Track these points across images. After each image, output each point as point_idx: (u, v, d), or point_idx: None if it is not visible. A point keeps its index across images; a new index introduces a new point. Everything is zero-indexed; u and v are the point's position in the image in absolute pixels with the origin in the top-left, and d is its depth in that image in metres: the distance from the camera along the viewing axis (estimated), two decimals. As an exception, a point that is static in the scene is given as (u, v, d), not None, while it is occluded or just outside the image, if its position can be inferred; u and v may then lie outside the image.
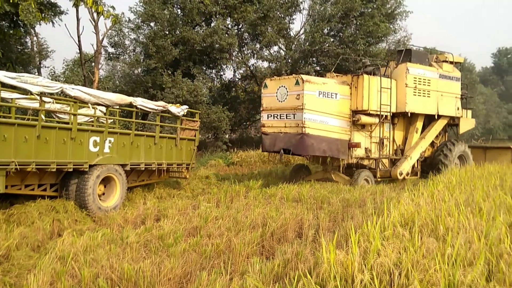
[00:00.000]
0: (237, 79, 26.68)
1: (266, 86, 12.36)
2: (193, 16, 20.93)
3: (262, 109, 12.47)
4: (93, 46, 19.76)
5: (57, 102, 9.84)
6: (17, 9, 12.39)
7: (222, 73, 25.59)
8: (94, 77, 19.31)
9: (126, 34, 21.62)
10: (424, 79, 13.31)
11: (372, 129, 12.69)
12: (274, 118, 12.01)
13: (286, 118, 11.65)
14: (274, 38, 21.68)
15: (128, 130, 10.25)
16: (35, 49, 24.69)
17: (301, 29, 24.61)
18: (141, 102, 9.63)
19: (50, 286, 4.40)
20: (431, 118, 14.09)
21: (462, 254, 4.12)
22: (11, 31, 14.88)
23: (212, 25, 21.92)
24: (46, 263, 4.82)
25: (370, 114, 12.29)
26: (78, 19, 18.61)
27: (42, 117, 7.61)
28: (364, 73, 12.53)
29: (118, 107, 9.74)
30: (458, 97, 14.51)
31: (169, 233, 6.19)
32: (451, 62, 14.51)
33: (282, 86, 11.76)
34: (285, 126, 11.67)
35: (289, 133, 11.53)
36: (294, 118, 11.40)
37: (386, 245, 4.40)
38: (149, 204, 8.58)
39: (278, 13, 22.11)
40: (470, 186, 8.58)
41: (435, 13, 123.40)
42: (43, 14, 14.07)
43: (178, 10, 22.15)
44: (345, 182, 11.89)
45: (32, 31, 20.31)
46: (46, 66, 42.25)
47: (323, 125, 11.53)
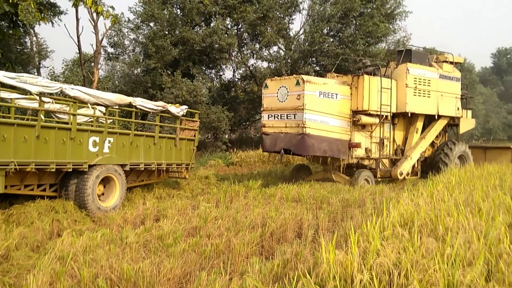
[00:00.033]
0: (236, 79, 26.66)
1: (266, 86, 12.37)
2: (192, 16, 20.92)
3: (262, 109, 12.47)
4: (92, 46, 19.76)
5: (56, 102, 9.85)
6: (16, 9, 12.39)
7: (221, 73, 25.62)
8: (93, 77, 19.30)
9: (126, 34, 21.62)
10: (424, 80, 13.31)
11: (372, 129, 12.70)
12: (274, 118, 12.02)
13: (286, 118, 11.66)
14: (273, 38, 21.67)
15: (127, 130, 10.26)
16: (35, 49, 24.70)
17: (300, 29, 24.62)
18: (140, 102, 9.63)
19: (49, 286, 4.40)
20: (431, 118, 14.09)
21: (461, 254, 4.12)
22: (11, 31, 14.88)
23: (211, 25, 21.91)
24: (46, 263, 4.82)
25: (370, 114, 12.30)
26: (77, 19, 18.61)
27: (42, 117, 7.61)
28: (364, 73, 12.55)
29: (117, 107, 9.75)
30: (458, 97, 14.52)
31: (168, 233, 6.19)
32: (451, 63, 14.52)
33: (282, 87, 11.76)
34: (285, 126, 11.68)
35: (289, 133, 11.54)
36: (294, 118, 11.41)
37: (386, 245, 4.40)
38: (148, 204, 8.57)
39: (278, 13, 22.09)
40: (469, 186, 8.58)
41: (435, 13, 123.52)
42: (43, 14, 14.07)
43: (178, 10, 22.15)
44: (345, 182, 11.90)
45: (31, 31, 20.29)
46: (45, 66, 42.40)
47: (324, 125, 11.54)
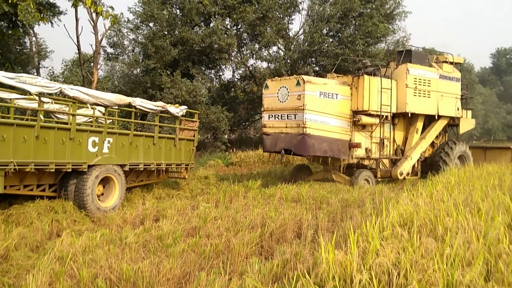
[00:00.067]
0: (236, 79, 26.66)
1: (267, 86, 12.37)
2: (192, 16, 20.92)
3: (263, 109, 12.47)
4: (92, 46, 19.82)
5: (56, 103, 9.84)
6: (16, 9, 12.39)
7: (221, 73, 25.65)
8: (93, 77, 19.30)
9: (125, 34, 21.64)
10: (424, 80, 13.31)
11: (372, 129, 12.70)
12: (275, 119, 12.02)
13: (287, 119, 11.66)
14: (273, 39, 21.68)
15: (127, 130, 10.25)
16: (34, 49, 24.71)
17: (300, 29, 24.64)
18: (140, 102, 9.63)
19: (49, 286, 4.39)
20: (431, 118, 14.09)
21: (460, 254, 4.12)
22: (10, 31, 14.89)
23: (211, 25, 21.92)
24: (45, 264, 4.81)
25: (370, 115, 12.30)
26: (77, 20, 18.61)
27: (41, 117, 7.61)
28: (364, 73, 12.54)
29: (117, 108, 9.74)
30: (458, 97, 14.52)
31: (168, 233, 6.18)
32: (451, 63, 14.53)
33: (283, 87, 11.76)
34: (286, 127, 11.68)
35: (290, 133, 11.54)
36: (295, 118, 11.42)
37: (385, 245, 4.40)
38: (148, 204, 8.57)
39: (277, 13, 22.11)
40: (469, 186, 8.57)
41: (437, 13, 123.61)
42: (42, 14, 14.08)
43: (177, 11, 22.15)
44: (345, 182, 11.91)
45: (31, 31, 20.27)
46: (45, 67, 42.49)
47: (324, 125, 11.55)
